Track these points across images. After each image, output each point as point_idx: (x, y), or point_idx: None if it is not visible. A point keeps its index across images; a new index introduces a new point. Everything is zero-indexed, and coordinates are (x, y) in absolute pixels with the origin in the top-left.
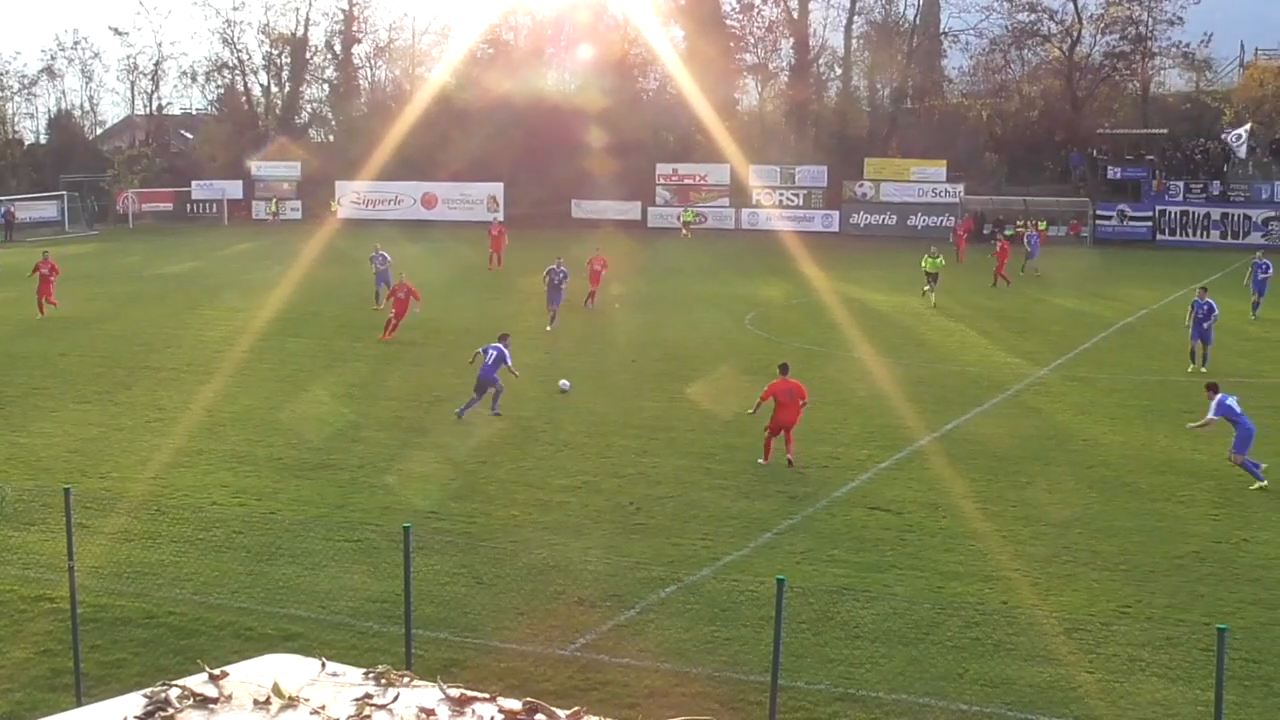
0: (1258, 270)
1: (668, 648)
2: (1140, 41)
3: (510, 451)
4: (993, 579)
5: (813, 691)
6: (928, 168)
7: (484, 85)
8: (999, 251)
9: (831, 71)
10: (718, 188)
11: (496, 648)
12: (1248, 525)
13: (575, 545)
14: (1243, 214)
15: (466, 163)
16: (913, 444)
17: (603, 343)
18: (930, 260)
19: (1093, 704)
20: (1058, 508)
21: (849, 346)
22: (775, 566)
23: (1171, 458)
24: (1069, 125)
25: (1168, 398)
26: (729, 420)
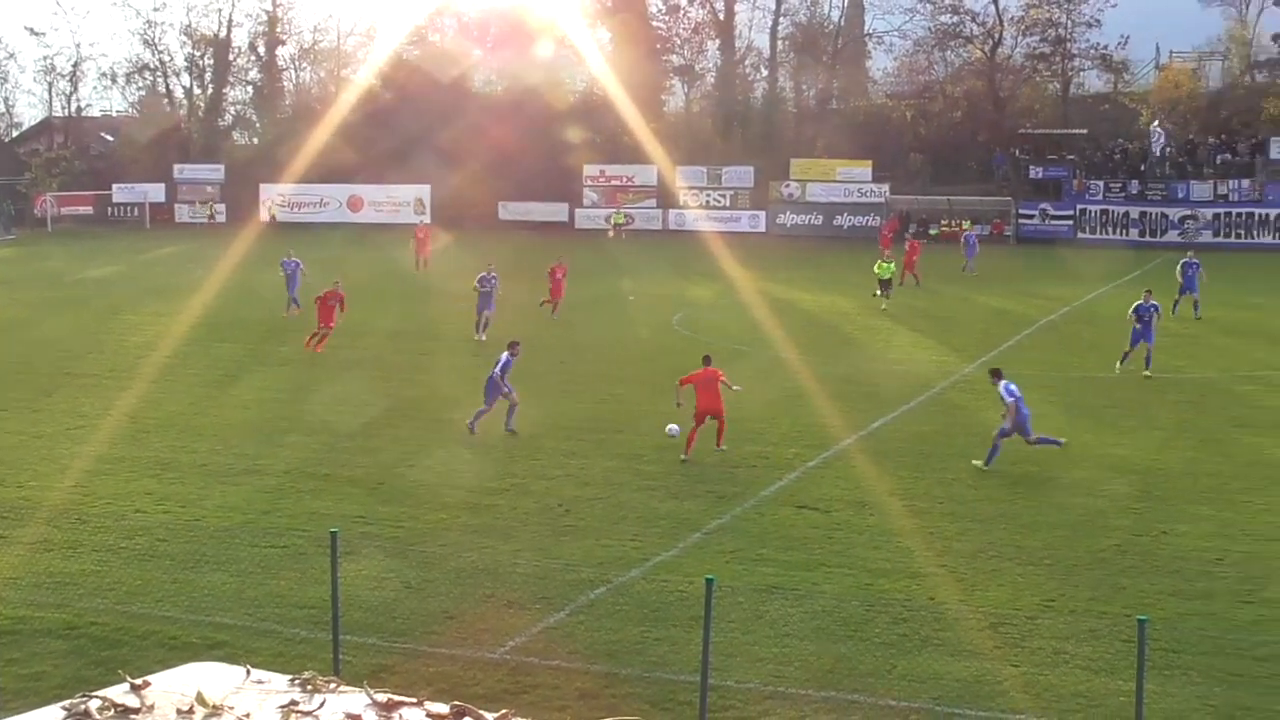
0: (1189, 269)
1: (598, 649)
2: (1060, 43)
3: (438, 454)
4: (920, 575)
5: (742, 690)
6: (853, 168)
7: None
8: (908, 250)
9: (757, 73)
10: (645, 189)
11: (425, 652)
12: (1167, 518)
13: (504, 548)
14: (1160, 213)
15: (393, 165)
16: (840, 442)
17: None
18: (883, 266)
19: (1018, 697)
20: (983, 504)
21: (776, 346)
22: (704, 566)
23: (1093, 453)
24: (992, 125)
25: (1090, 394)
26: (658, 420)
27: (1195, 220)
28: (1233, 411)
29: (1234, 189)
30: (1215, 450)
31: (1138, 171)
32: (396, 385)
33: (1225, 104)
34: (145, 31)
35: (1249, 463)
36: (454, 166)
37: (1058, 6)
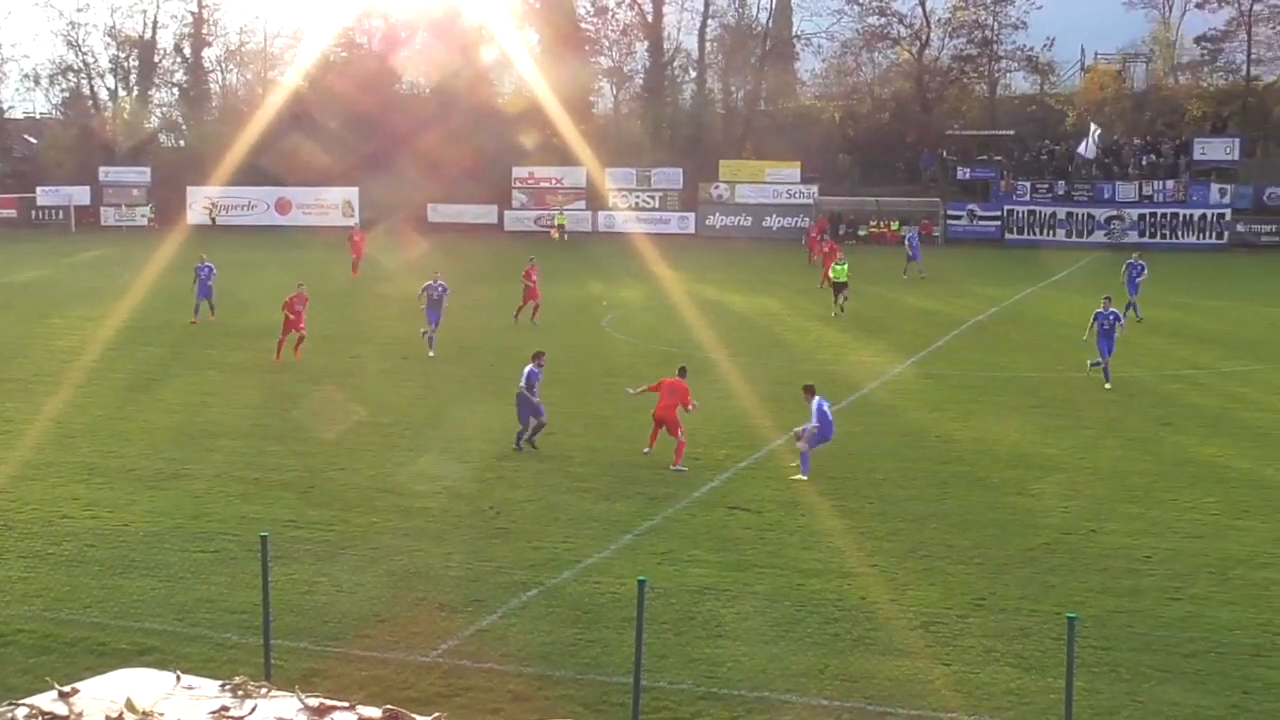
0: (1133, 271)
1: (530, 651)
2: (986, 45)
3: (369, 458)
4: (851, 575)
5: (676, 691)
6: (782, 169)
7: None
8: (826, 253)
9: (686, 74)
10: (574, 190)
11: (358, 655)
12: (1095, 517)
13: (436, 551)
14: (1086, 213)
15: (321, 167)
16: (771, 443)
17: (461, 347)
18: (838, 269)
19: (949, 696)
20: (913, 503)
21: (706, 348)
22: (637, 568)
23: (1022, 452)
24: (920, 126)
25: (1018, 393)
26: (588, 422)
27: (1121, 221)
28: (1159, 411)
29: (1159, 190)
30: (1142, 449)
31: (1064, 172)
32: (326, 389)
33: (1150, 105)
34: (68, 33)
35: (1175, 461)
36: (382, 169)
37: (984, 8)
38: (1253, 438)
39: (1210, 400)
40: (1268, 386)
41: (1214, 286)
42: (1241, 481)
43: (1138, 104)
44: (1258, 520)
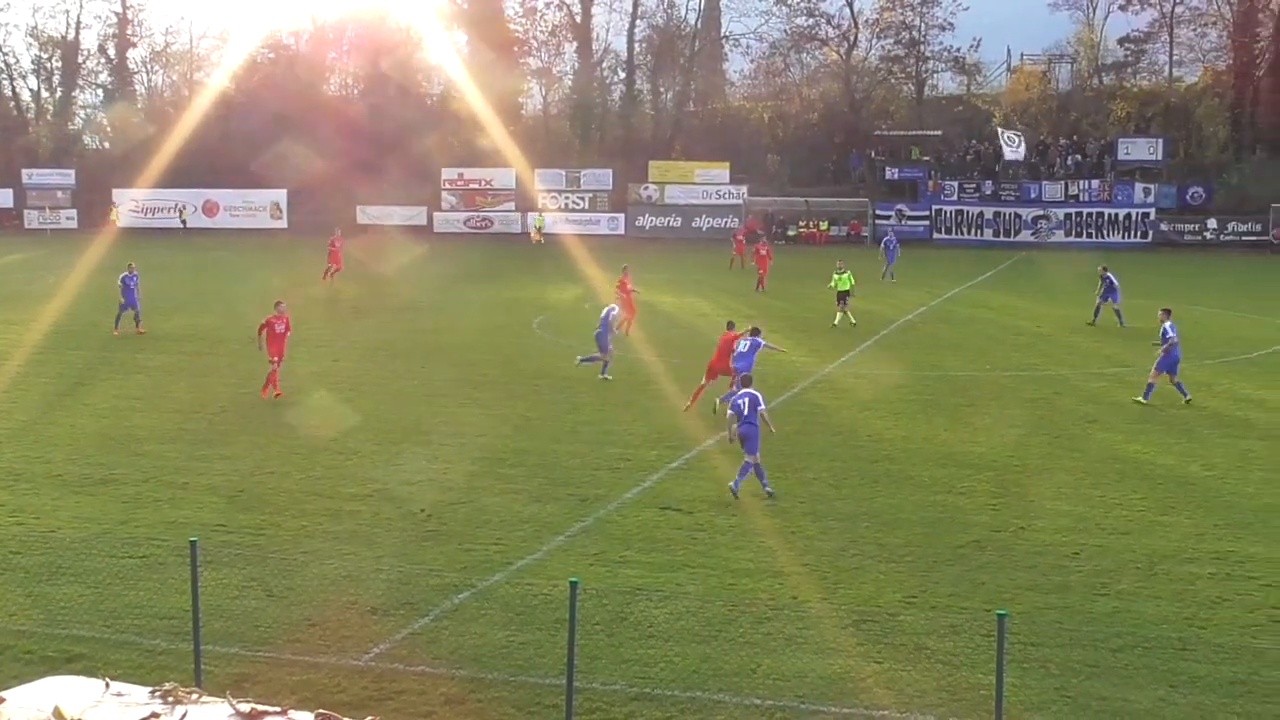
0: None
1: (463, 654)
2: (914, 46)
3: (298, 461)
4: (783, 575)
5: (608, 692)
6: (711, 170)
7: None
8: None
9: (615, 75)
10: (503, 192)
11: (289, 660)
12: (1025, 514)
13: (367, 554)
14: (1013, 213)
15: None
16: (701, 443)
17: (392, 349)
18: (839, 278)
19: (880, 693)
20: (844, 502)
21: (637, 349)
22: (568, 569)
23: (952, 450)
24: (848, 127)
25: (947, 392)
26: (519, 424)
27: (1048, 220)
28: (1085, 408)
29: (1084, 189)
30: (1069, 446)
31: (991, 172)
32: (254, 392)
33: (1075, 106)
34: None
35: (1101, 458)
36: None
37: (911, 10)
38: (1177, 434)
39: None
40: (1191, 383)
41: (1138, 285)
42: (1166, 477)
43: (1063, 105)
44: (1182, 516)
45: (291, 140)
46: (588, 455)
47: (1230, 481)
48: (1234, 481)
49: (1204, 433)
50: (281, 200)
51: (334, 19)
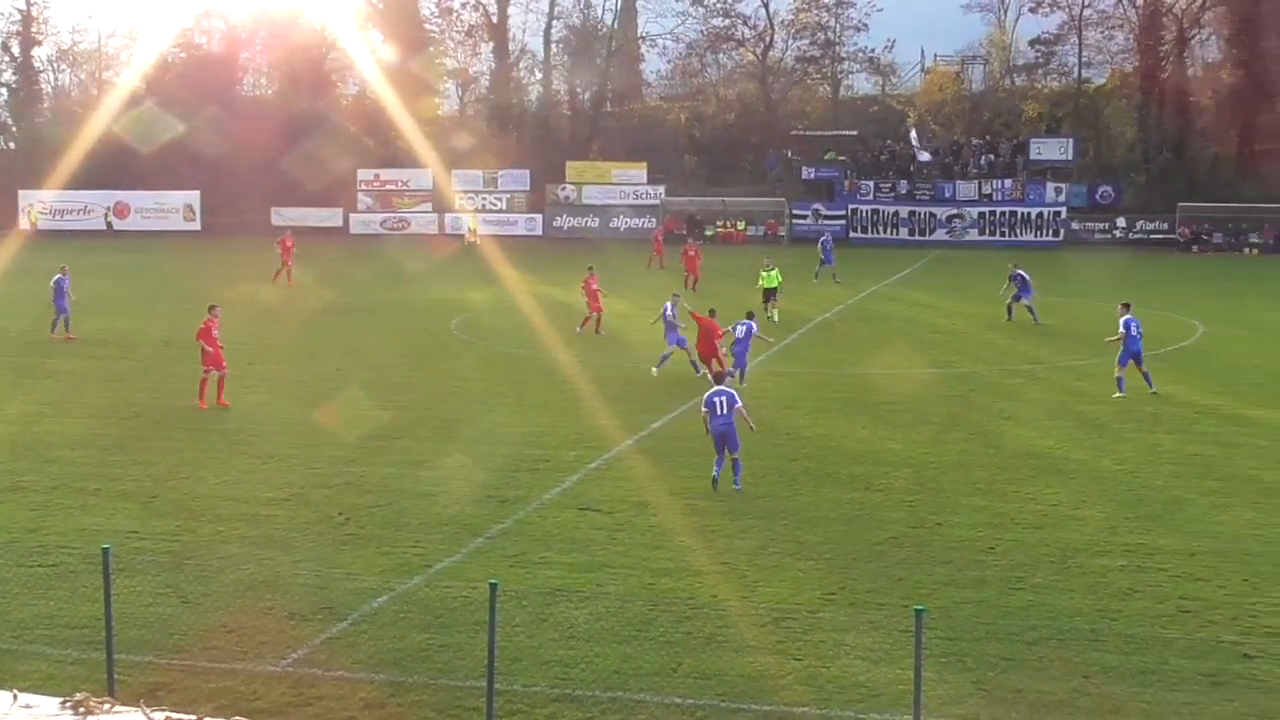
0: (1014, 281)
1: (382, 658)
2: (829, 46)
3: (214, 466)
4: (702, 574)
5: (529, 694)
6: (629, 170)
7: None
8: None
9: (532, 75)
10: (420, 193)
11: (205, 668)
12: (941, 510)
13: (284, 559)
14: (928, 212)
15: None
16: (620, 444)
17: (307, 352)
18: (767, 275)
19: (801, 690)
20: (763, 501)
21: (555, 349)
22: (488, 571)
23: (870, 448)
24: (765, 127)
25: (864, 390)
26: (438, 426)
27: (962, 219)
28: (1000, 405)
29: (997, 189)
30: (985, 443)
31: (906, 172)
32: (167, 396)
33: (987, 106)
34: None
35: (1016, 454)
36: (224, 172)
37: (826, 11)
38: (1090, 429)
39: (1049, 394)
40: (1103, 380)
41: (1051, 283)
42: (1080, 472)
43: (976, 105)
44: (1095, 510)
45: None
46: (507, 456)
47: (1141, 475)
48: (1144, 475)
49: (1115, 427)
50: (194, 202)
51: (247, 18)
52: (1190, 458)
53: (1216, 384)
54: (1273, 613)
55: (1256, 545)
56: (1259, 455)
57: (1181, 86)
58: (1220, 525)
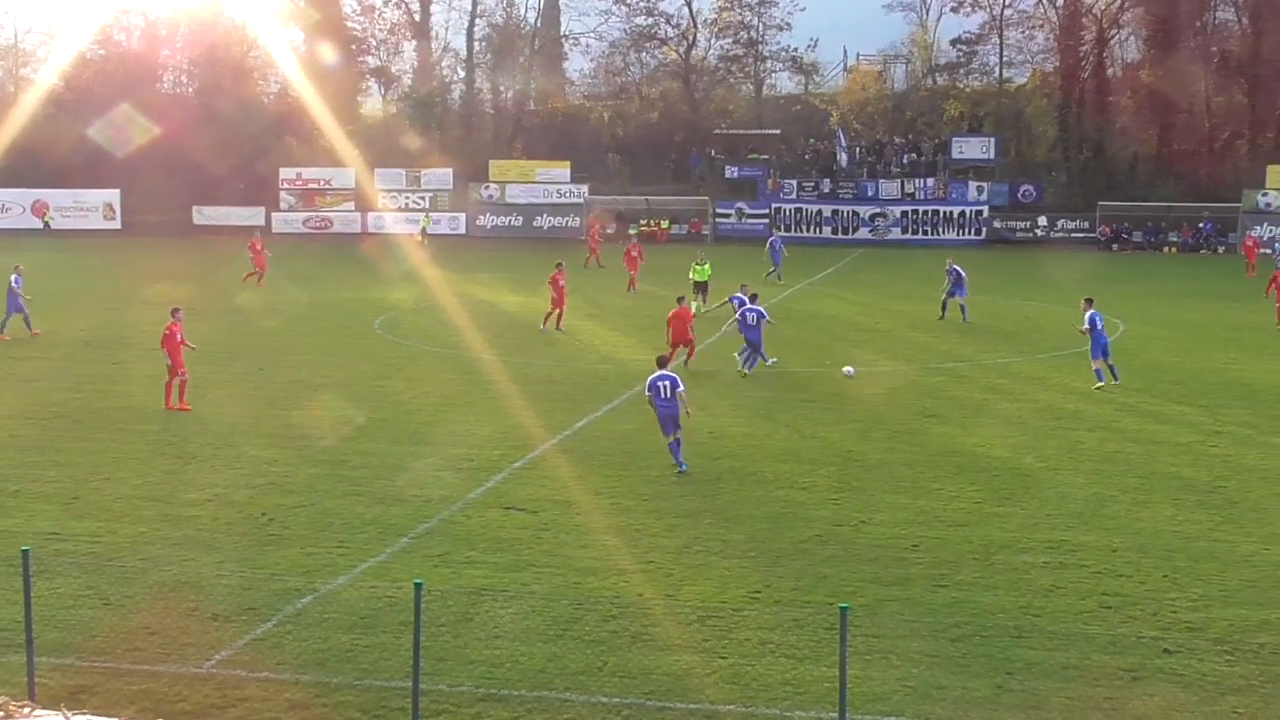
0: (950, 275)
1: (307, 659)
2: (752, 45)
3: (135, 466)
4: (628, 572)
5: (455, 694)
6: (552, 169)
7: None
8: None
9: (455, 74)
10: (342, 192)
11: (128, 670)
12: (865, 508)
13: (207, 560)
14: (851, 211)
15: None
16: (545, 443)
17: (230, 351)
18: (699, 269)
19: (726, 688)
20: (687, 499)
21: (479, 348)
22: (413, 571)
23: (794, 446)
24: (688, 126)
25: (788, 389)
26: (361, 426)
27: (884, 218)
28: (923, 403)
29: (920, 188)
30: (908, 441)
31: (830, 171)
32: (88, 396)
33: (910, 105)
34: None
35: (939, 452)
36: (144, 170)
37: (749, 10)
38: (1011, 427)
39: (971, 392)
40: (1024, 378)
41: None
42: (1002, 469)
43: (898, 104)
44: (1017, 506)
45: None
46: (431, 456)
47: (1063, 473)
48: (1066, 472)
49: (1037, 425)
50: (115, 201)
51: (167, 16)
52: (1111, 455)
53: (1137, 382)
54: (1192, 608)
55: (1176, 541)
56: (1179, 453)
57: (1101, 86)
58: (1141, 522)
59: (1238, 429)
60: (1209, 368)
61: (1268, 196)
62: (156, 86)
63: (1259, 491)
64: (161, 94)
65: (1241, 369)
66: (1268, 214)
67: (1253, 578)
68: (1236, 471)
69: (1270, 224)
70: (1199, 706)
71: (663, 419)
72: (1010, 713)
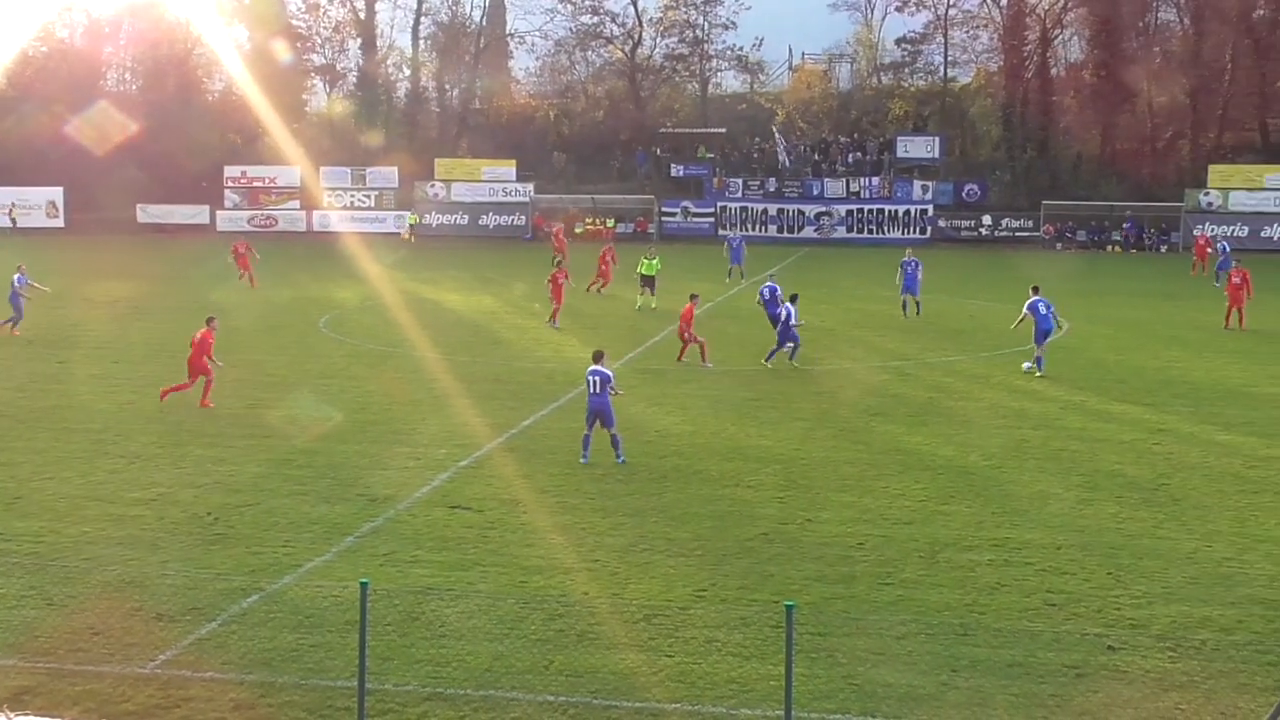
0: (906, 268)
1: (252, 659)
2: (697, 44)
3: (78, 466)
4: (574, 571)
5: (401, 693)
6: (498, 168)
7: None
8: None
9: (400, 72)
10: (288, 190)
11: (72, 670)
12: (811, 506)
13: (152, 559)
14: (797, 209)
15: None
16: (491, 442)
17: (175, 350)
18: (648, 264)
19: (673, 687)
20: (633, 498)
21: (425, 347)
22: (358, 570)
23: (740, 444)
24: (634, 124)
25: (734, 387)
26: (306, 424)
27: (830, 217)
28: (868, 401)
29: (865, 186)
30: (853, 439)
31: (775, 170)
32: (31, 395)
33: (855, 104)
34: None
35: (884, 450)
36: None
37: (695, 8)
38: (956, 425)
39: (916, 390)
40: (969, 376)
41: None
42: (947, 468)
43: (843, 103)
44: (962, 505)
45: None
46: (376, 455)
47: (1007, 470)
48: (1010, 470)
49: (981, 423)
50: (58, 198)
51: (110, 13)
52: (1055, 453)
53: (1081, 380)
54: (1135, 605)
55: (1120, 539)
56: (1122, 450)
57: (1045, 86)
58: (1084, 519)
59: (1180, 427)
60: (1152, 366)
61: (1209, 196)
62: (100, 84)
63: (1201, 489)
64: (105, 91)
65: (1184, 367)
66: (1210, 213)
67: (1195, 575)
68: (1179, 469)
69: (1212, 223)
70: (1142, 703)
71: (591, 412)
72: (955, 710)
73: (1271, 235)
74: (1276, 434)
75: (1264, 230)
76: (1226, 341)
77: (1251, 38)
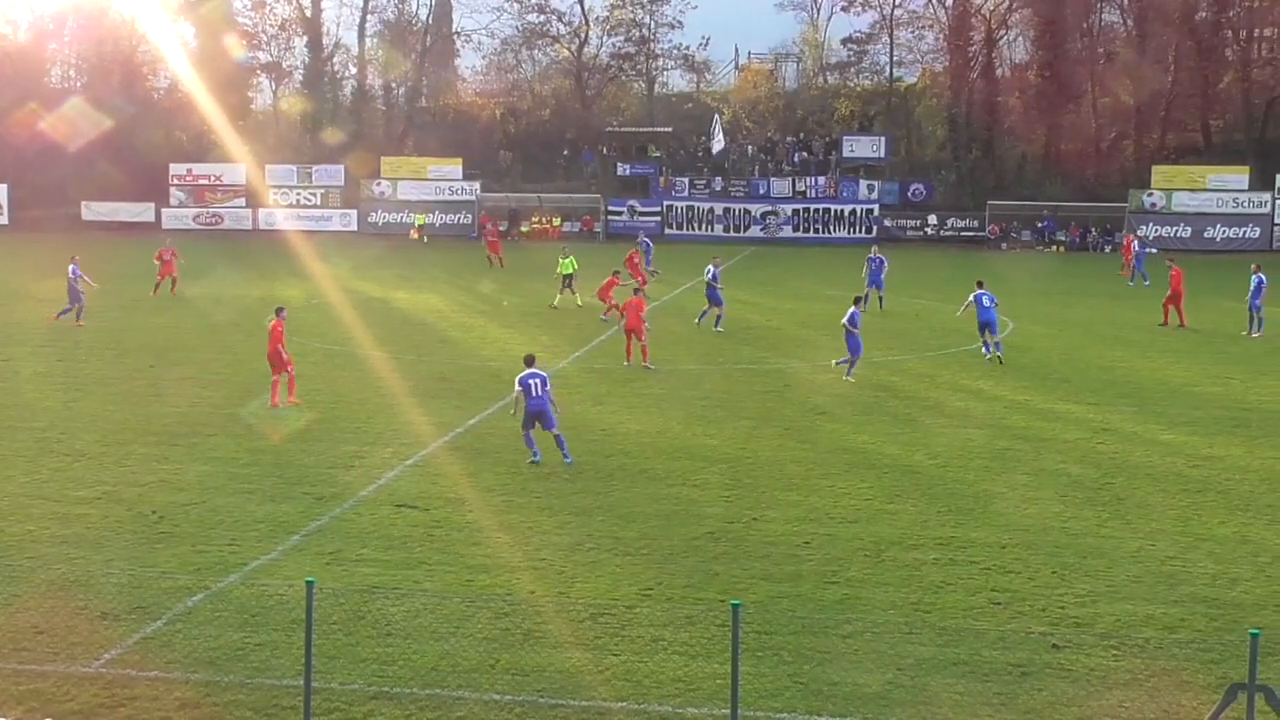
0: (872, 264)
1: (197, 658)
2: (644, 43)
3: (22, 464)
4: (520, 570)
5: (347, 692)
6: (444, 166)
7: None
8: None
9: (346, 70)
10: (233, 188)
11: (15, 670)
12: (757, 505)
13: (96, 558)
14: (743, 208)
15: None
16: (437, 440)
17: (118, 348)
18: (564, 263)
19: (619, 685)
20: (579, 497)
21: (370, 345)
22: (304, 569)
23: (686, 443)
24: (580, 123)
25: (680, 386)
26: (251, 424)
27: (776, 216)
28: (814, 400)
29: (811, 186)
30: (799, 438)
31: (721, 169)
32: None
33: (801, 104)
34: None
35: (830, 449)
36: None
37: (641, 7)
38: (901, 424)
39: (862, 389)
40: (914, 375)
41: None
42: (892, 467)
43: (789, 103)
44: (908, 503)
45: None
46: (322, 454)
47: (952, 469)
48: (956, 469)
49: (927, 422)
50: (1, 196)
51: (53, 9)
52: (1000, 452)
53: (1025, 379)
54: (1079, 604)
55: (1064, 538)
56: (1066, 450)
57: (990, 86)
58: (1029, 518)
59: (1124, 426)
60: (1095, 365)
61: (1153, 196)
62: (44, 81)
63: (1145, 488)
64: (49, 88)
65: (1127, 367)
66: (1153, 214)
67: (1138, 573)
68: (1123, 468)
69: (1155, 224)
70: (1086, 700)
71: (530, 414)
72: (901, 708)
73: (1214, 236)
74: (1219, 433)
75: (1207, 231)
76: (1170, 341)
77: (1194, 39)
